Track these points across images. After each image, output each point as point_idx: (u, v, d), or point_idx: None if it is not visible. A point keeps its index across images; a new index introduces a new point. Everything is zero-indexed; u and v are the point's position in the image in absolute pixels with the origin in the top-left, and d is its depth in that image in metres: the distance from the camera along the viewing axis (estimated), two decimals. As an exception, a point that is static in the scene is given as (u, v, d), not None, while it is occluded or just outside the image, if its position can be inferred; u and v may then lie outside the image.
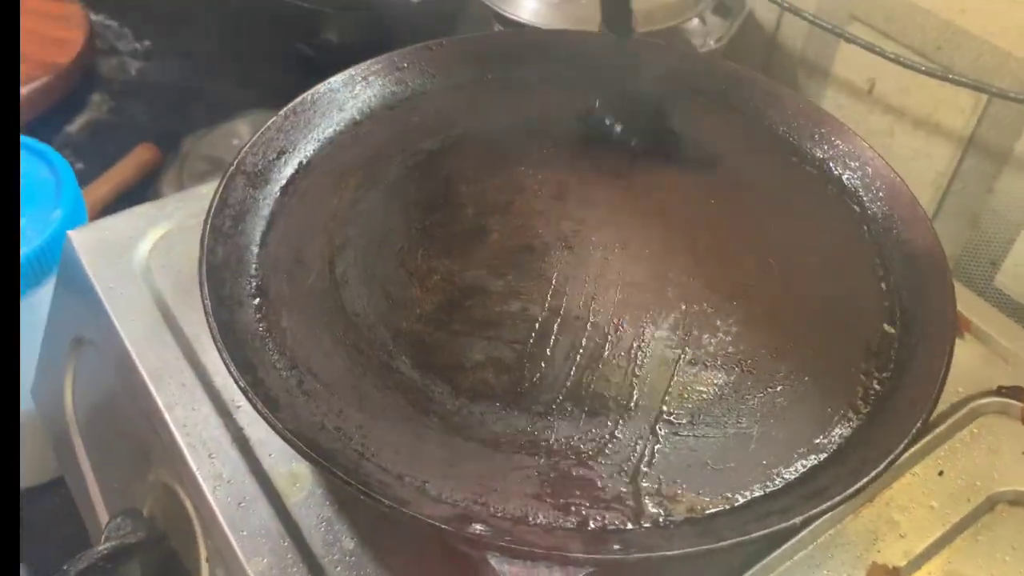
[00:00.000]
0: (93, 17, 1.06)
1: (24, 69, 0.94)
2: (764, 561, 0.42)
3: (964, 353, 0.51)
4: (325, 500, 0.42)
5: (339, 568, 0.40)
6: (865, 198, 0.53)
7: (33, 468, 0.67)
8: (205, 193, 0.57)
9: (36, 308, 0.57)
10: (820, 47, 0.88)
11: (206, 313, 0.42)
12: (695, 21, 0.87)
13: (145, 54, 1.07)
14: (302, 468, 0.43)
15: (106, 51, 1.07)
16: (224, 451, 0.44)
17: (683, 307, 0.47)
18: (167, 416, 0.45)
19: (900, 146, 0.84)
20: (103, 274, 0.51)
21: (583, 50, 0.61)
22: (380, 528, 0.41)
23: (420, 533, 0.40)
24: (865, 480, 0.38)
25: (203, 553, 0.42)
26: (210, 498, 0.42)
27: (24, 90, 0.92)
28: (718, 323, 0.46)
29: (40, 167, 0.62)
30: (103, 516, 0.52)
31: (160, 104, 1.02)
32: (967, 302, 0.52)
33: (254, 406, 0.39)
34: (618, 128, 0.57)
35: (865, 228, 0.52)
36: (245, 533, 0.40)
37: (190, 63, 1.07)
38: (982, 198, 0.79)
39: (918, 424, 0.40)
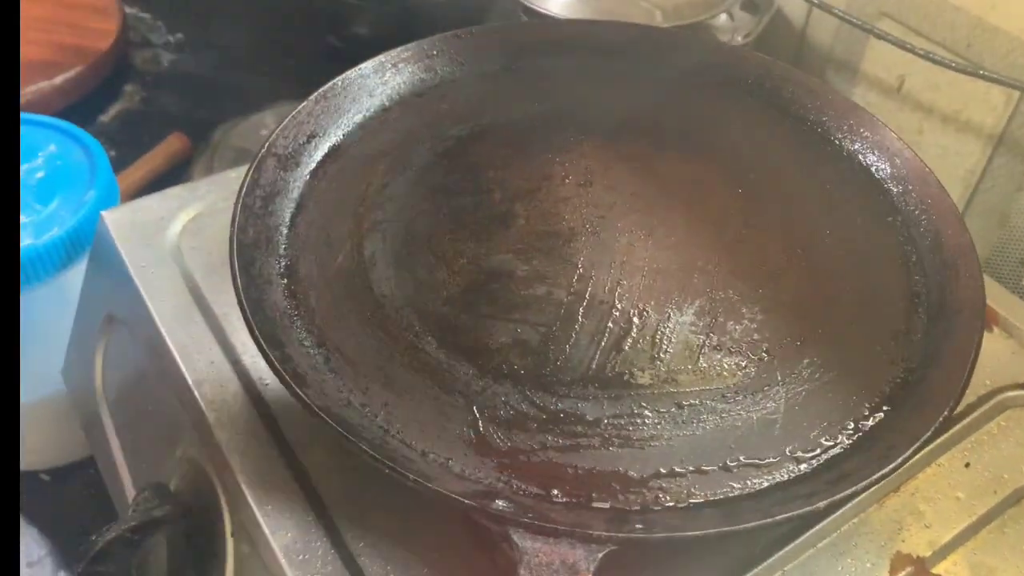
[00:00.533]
0: (127, 10, 1.07)
1: (59, 58, 0.95)
2: (787, 548, 0.41)
3: (992, 346, 0.50)
4: (352, 477, 0.42)
5: (362, 544, 0.40)
6: (893, 188, 0.53)
7: (63, 448, 0.68)
8: (235, 177, 0.58)
9: (69, 288, 0.58)
10: (849, 44, 0.87)
11: (236, 289, 0.42)
12: (723, 17, 0.87)
13: (178, 46, 1.09)
14: (328, 446, 0.43)
15: (139, 43, 1.08)
16: (251, 427, 0.44)
17: (709, 294, 0.47)
18: (196, 393, 0.45)
19: (929, 144, 0.84)
20: (135, 254, 0.52)
21: (611, 40, 0.61)
22: (404, 505, 0.41)
23: (443, 510, 0.41)
24: (891, 466, 0.38)
25: (228, 528, 0.42)
26: (237, 473, 0.42)
27: (58, 79, 0.93)
28: (743, 310, 0.46)
29: (74, 150, 0.63)
30: (131, 494, 0.53)
31: (192, 95, 1.03)
32: (995, 295, 0.52)
33: (282, 381, 0.39)
34: (643, 118, 0.57)
35: (893, 218, 0.51)
36: (270, 508, 0.41)
37: (221, 55, 1.08)
38: (1012, 197, 0.78)
39: (945, 412, 0.40)
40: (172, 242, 0.53)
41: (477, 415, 0.41)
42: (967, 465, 0.45)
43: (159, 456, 0.49)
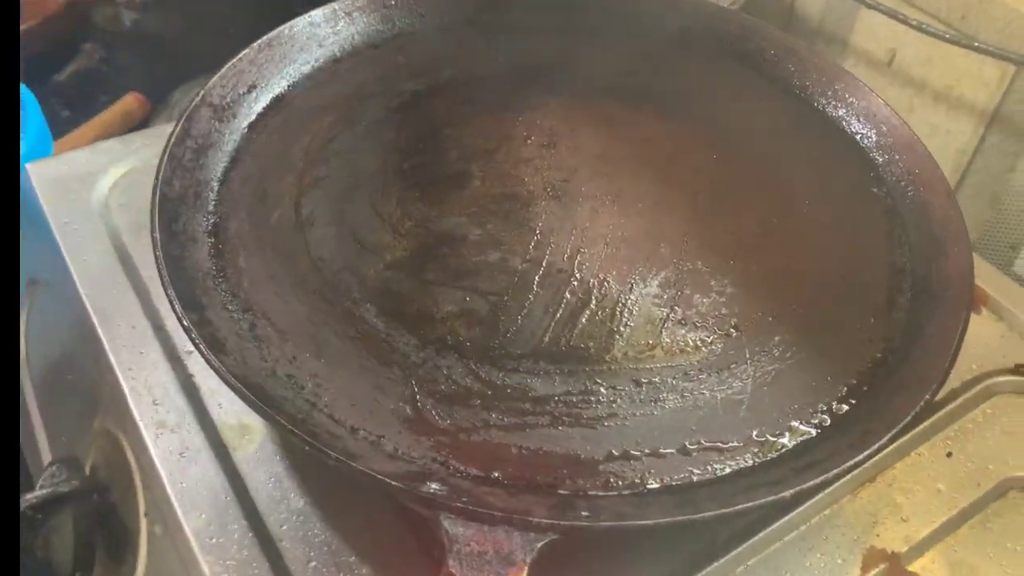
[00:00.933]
0: (89, -35, 1.02)
1: (11, 12, 0.90)
2: (751, 541, 0.38)
3: (980, 328, 0.47)
4: (276, 455, 0.39)
5: (284, 527, 0.37)
6: (879, 158, 0.49)
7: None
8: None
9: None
10: (839, 15, 0.83)
11: (154, 245, 0.38)
12: (709, -17, 0.83)
13: (142, 5, 1.04)
14: (253, 421, 0.40)
15: (102, 0, 1.03)
16: (170, 398, 0.40)
17: (675, 264, 0.43)
18: (112, 359, 0.42)
19: (919, 122, 0.80)
20: (59, 210, 0.48)
21: (584, -4, 0.57)
22: (333, 488, 0.38)
23: (374, 492, 0.37)
24: (866, 453, 0.34)
25: (142, 507, 0.39)
26: (151, 447, 0.39)
27: (10, 33, 0.88)
28: (712, 283, 0.43)
29: None
30: (47, 462, 0.49)
31: (153, 56, 0.99)
32: (985, 275, 0.48)
33: (197, 347, 0.35)
34: (616, 78, 0.53)
35: (878, 188, 0.48)
36: (184, 485, 0.37)
37: (186, 15, 1.03)
38: (1004, 177, 0.75)
39: (927, 397, 0.36)
40: (100, 199, 0.49)
41: (415, 389, 0.37)
42: (949, 455, 0.42)
43: (78, 429, 0.46)
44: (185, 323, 0.36)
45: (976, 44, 0.69)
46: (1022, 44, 0.70)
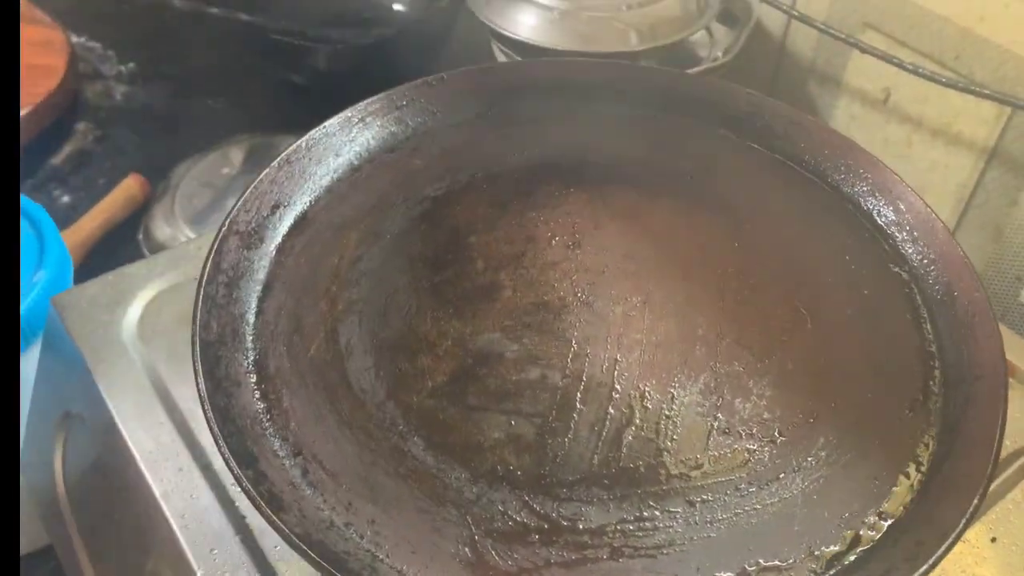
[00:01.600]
0: (74, 39, 1.02)
1: (4, 101, 0.90)
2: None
3: (1012, 402, 0.48)
4: (338, 597, 0.39)
5: None
6: (898, 236, 0.50)
7: (23, 537, 0.64)
8: (194, 249, 0.54)
9: (23, 379, 0.54)
10: (832, 56, 0.84)
11: (201, 400, 0.39)
12: (701, 33, 0.83)
13: (130, 77, 1.04)
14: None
15: (90, 75, 1.03)
16: (227, 545, 0.40)
17: (712, 368, 0.44)
18: (164, 506, 0.42)
19: (919, 157, 0.81)
20: (90, 345, 0.48)
21: (590, 80, 0.57)
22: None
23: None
24: (923, 570, 0.35)
25: (209, 658, 0.39)
26: (213, 600, 0.39)
27: (4, 124, 0.88)
28: (751, 384, 0.43)
29: (22, 223, 0.58)
30: (99, 598, 0.49)
31: (148, 130, 0.98)
32: (1010, 344, 0.49)
33: (257, 507, 0.36)
34: (631, 165, 0.54)
35: (900, 268, 0.48)
36: (253, 641, 0.37)
37: (177, 85, 1.03)
38: (1006, 211, 0.76)
39: (975, 500, 0.37)
40: (130, 329, 0.49)
41: (473, 529, 0.37)
42: (993, 540, 0.43)
43: (129, 566, 0.46)
44: (245, 485, 0.36)
45: (973, 88, 0.70)
46: (1015, 85, 0.71)
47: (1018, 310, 0.76)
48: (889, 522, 0.38)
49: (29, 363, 0.54)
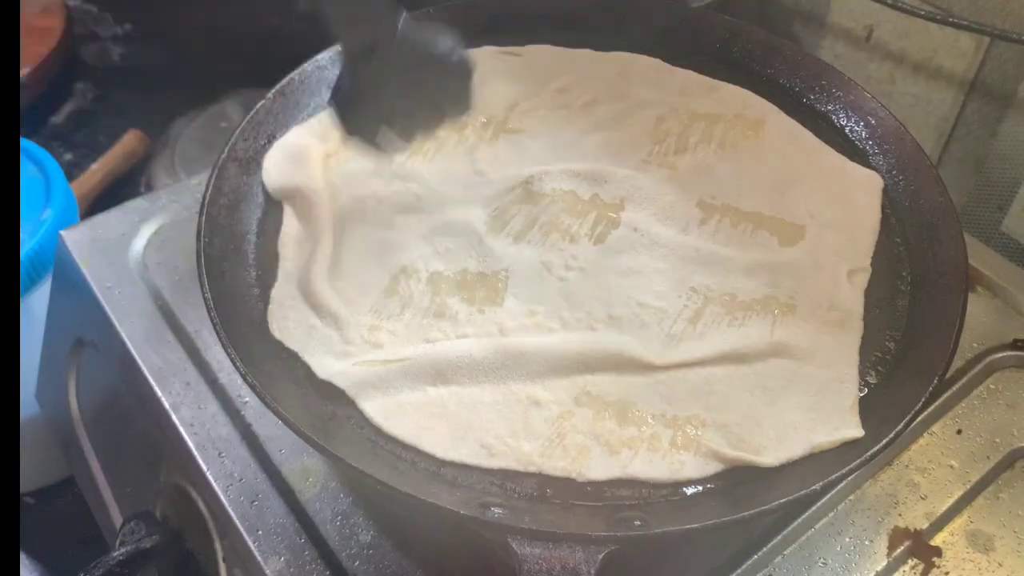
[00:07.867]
0: (70, 2, 1.03)
1: (4, 61, 0.92)
2: (784, 532, 0.41)
3: (977, 307, 0.50)
4: (339, 494, 0.42)
5: (357, 562, 0.39)
6: (869, 150, 0.52)
7: (43, 469, 0.67)
8: (196, 184, 0.56)
9: (34, 311, 0.56)
10: (815, -5, 0.86)
11: (208, 308, 0.41)
12: (686, -26, 0.84)
13: (126, 38, 1.05)
14: (314, 462, 0.43)
15: (86, 37, 1.04)
16: (234, 449, 0.43)
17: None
18: (174, 417, 0.44)
19: (901, 93, 0.83)
20: (99, 274, 0.50)
21: (573, 8, 0.59)
22: (397, 518, 0.41)
23: (437, 520, 0.40)
24: (885, 441, 0.37)
25: (220, 553, 0.41)
26: (223, 498, 0.41)
27: (6, 83, 0.90)
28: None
29: (27, 166, 0.60)
30: (116, 515, 0.52)
31: (145, 88, 1.00)
32: (978, 254, 0.51)
33: (264, 401, 0.38)
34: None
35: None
36: (260, 532, 0.40)
37: (173, 43, 1.04)
38: (986, 142, 0.78)
39: (935, 381, 0.39)
40: (137, 259, 0.51)
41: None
42: (959, 432, 0.45)
43: (143, 480, 0.48)
44: (250, 381, 0.38)
45: (951, 19, 0.72)
46: (993, 15, 0.72)
47: (1000, 239, 0.78)
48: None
49: (40, 297, 0.56)
